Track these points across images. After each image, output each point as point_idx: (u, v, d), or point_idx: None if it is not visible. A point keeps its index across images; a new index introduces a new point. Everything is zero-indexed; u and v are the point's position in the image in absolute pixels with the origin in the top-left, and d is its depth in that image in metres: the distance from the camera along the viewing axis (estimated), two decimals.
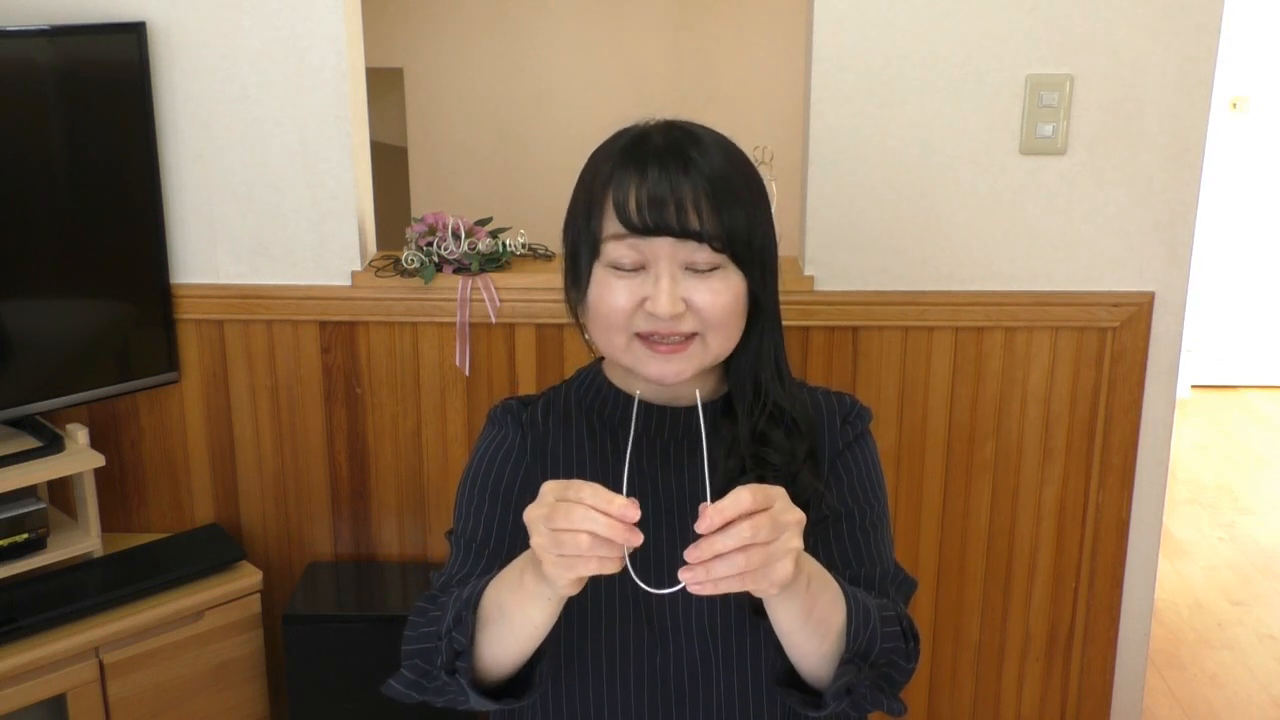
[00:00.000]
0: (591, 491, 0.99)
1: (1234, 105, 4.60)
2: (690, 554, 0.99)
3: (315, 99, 2.17)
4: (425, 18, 3.93)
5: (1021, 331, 2.22)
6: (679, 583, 1.00)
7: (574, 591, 1.04)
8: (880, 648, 1.15)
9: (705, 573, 0.99)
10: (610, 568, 1.00)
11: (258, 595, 2.25)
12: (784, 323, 1.30)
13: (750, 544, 0.98)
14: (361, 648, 2.21)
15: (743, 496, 0.99)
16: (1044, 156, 2.14)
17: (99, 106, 2.12)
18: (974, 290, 2.20)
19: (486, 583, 1.15)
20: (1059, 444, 2.27)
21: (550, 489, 1.02)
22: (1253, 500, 3.97)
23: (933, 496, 2.31)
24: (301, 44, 2.15)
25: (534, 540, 1.02)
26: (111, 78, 2.11)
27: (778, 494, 1.01)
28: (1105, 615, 2.36)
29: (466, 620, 1.13)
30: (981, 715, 2.44)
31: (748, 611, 1.23)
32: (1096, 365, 2.23)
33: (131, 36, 2.10)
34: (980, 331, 2.22)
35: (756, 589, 1.02)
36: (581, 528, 0.98)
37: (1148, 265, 2.19)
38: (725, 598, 1.24)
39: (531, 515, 1.03)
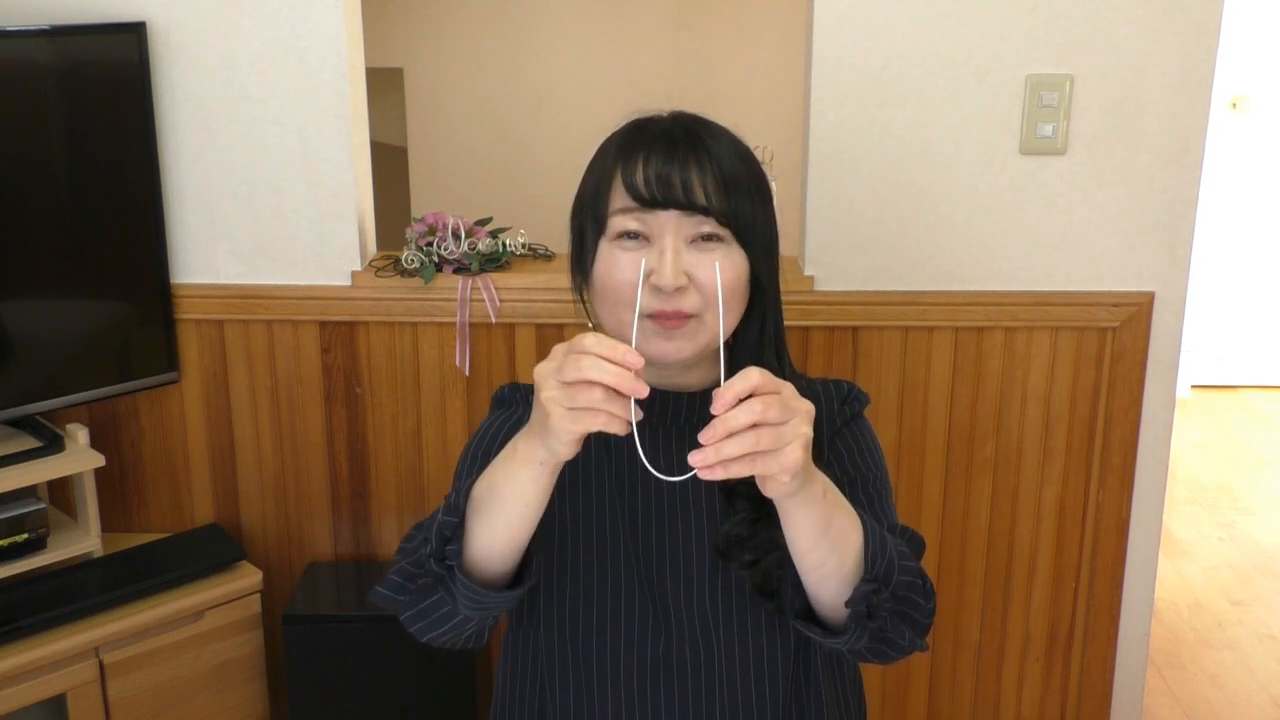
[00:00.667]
0: (595, 339, 1.00)
1: (1234, 105, 4.60)
2: (705, 435, 0.99)
3: (315, 99, 2.17)
4: (425, 18, 3.93)
5: (1021, 331, 2.22)
6: (689, 470, 1.00)
7: (569, 455, 1.04)
8: (899, 579, 1.14)
9: (715, 453, 0.98)
10: (616, 427, 1.00)
11: (258, 595, 2.25)
12: (784, 323, 1.30)
13: (761, 422, 0.98)
14: (361, 648, 2.21)
15: (752, 372, 1.00)
16: (1044, 156, 2.14)
17: (99, 106, 2.12)
18: (974, 290, 2.20)
19: (476, 479, 1.15)
20: (1059, 444, 2.27)
21: (559, 347, 1.03)
22: (1253, 500, 3.97)
23: (933, 496, 2.31)
24: (301, 44, 2.15)
25: (543, 394, 1.02)
26: (111, 78, 2.11)
27: (786, 384, 1.02)
28: (1105, 615, 2.36)
29: (458, 504, 1.13)
30: (981, 715, 2.44)
31: (749, 595, 1.23)
32: (1096, 365, 2.23)
33: (131, 36, 2.10)
34: (980, 331, 2.22)
35: (767, 474, 1.01)
36: (593, 377, 0.99)
37: (1147, 265, 2.19)
38: (728, 582, 1.24)
39: (542, 370, 1.03)
